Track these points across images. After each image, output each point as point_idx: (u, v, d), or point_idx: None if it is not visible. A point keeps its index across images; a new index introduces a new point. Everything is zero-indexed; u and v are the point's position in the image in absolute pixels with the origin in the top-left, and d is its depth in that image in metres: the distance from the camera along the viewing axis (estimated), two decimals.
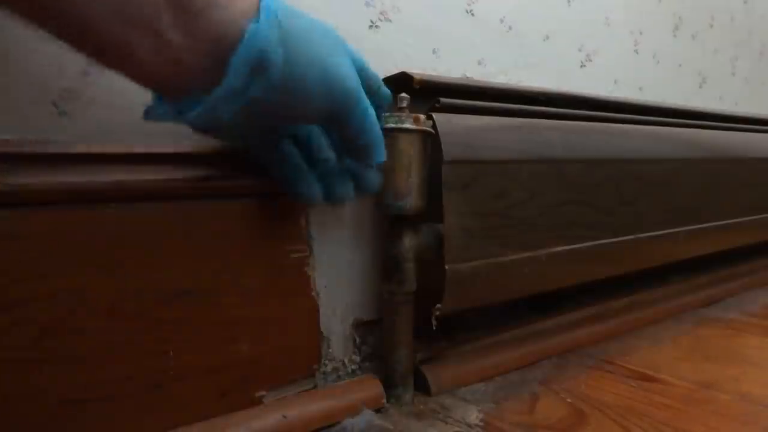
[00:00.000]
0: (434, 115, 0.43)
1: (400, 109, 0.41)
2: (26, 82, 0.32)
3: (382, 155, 0.38)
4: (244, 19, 0.29)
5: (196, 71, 0.28)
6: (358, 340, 0.46)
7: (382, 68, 0.47)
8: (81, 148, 0.33)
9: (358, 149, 0.37)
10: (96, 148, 0.33)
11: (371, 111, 0.36)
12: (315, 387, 0.42)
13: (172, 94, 0.30)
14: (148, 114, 0.30)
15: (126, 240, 0.33)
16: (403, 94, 0.41)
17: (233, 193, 0.37)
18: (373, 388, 0.43)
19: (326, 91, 0.32)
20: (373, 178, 0.39)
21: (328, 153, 0.38)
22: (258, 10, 0.29)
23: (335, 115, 0.34)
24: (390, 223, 0.43)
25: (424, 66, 0.51)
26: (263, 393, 0.39)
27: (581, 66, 0.68)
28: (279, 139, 0.37)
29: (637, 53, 0.77)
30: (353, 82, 0.34)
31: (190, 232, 0.35)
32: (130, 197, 0.33)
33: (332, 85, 0.33)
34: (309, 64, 0.31)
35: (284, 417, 0.38)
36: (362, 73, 0.36)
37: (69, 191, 0.31)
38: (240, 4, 0.29)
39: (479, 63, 0.56)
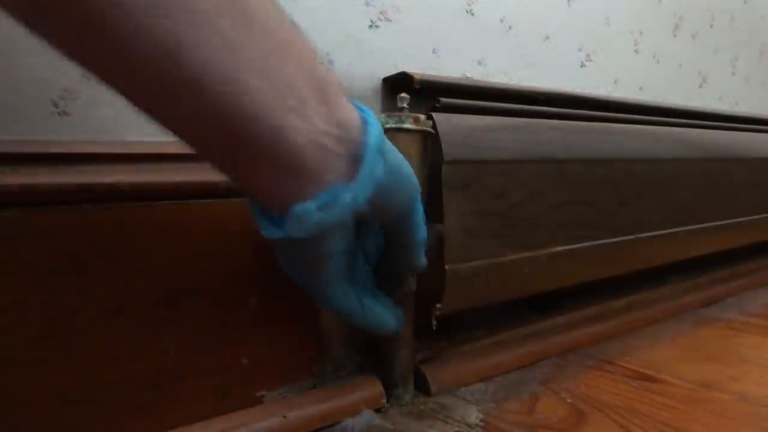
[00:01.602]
0: (434, 115, 0.43)
1: (400, 109, 0.41)
2: (26, 82, 0.32)
3: (424, 257, 0.39)
4: (356, 111, 0.31)
5: (327, 159, 0.29)
6: (358, 340, 0.46)
7: (382, 68, 0.47)
8: (81, 148, 0.33)
9: (407, 249, 0.38)
10: (96, 148, 0.33)
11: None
12: (315, 387, 0.42)
13: (300, 195, 0.29)
14: (279, 229, 0.31)
15: (126, 240, 0.33)
16: (403, 94, 0.41)
17: (233, 193, 0.37)
18: (373, 388, 0.43)
19: (410, 182, 0.35)
20: (400, 314, 0.40)
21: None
22: (353, 102, 0.32)
23: (406, 209, 0.35)
24: None
25: (424, 66, 0.51)
26: (263, 393, 0.39)
27: (581, 66, 0.68)
28: (353, 255, 0.37)
29: (637, 53, 0.77)
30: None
31: (190, 231, 0.35)
32: (130, 197, 0.33)
33: (411, 175, 0.35)
34: (397, 154, 0.33)
35: (284, 417, 0.38)
36: None
37: (69, 191, 0.31)
38: (347, 97, 0.31)
39: (479, 63, 0.56)
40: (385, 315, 0.38)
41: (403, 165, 0.34)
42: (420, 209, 0.37)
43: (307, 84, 0.28)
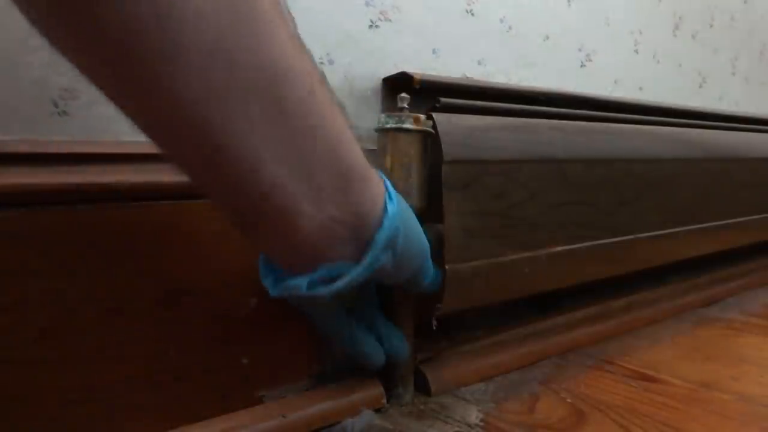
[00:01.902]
0: (434, 115, 0.43)
1: (400, 109, 0.41)
2: (26, 82, 0.32)
3: (432, 287, 0.42)
4: (381, 199, 0.31)
5: (334, 243, 0.30)
6: None
7: (382, 68, 0.47)
8: (81, 148, 0.33)
9: (417, 289, 0.41)
10: (96, 148, 0.33)
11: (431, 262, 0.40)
12: (315, 387, 0.42)
13: (295, 265, 0.31)
14: (278, 289, 0.32)
15: (126, 240, 0.33)
16: (404, 94, 0.41)
17: None
18: (373, 388, 0.43)
19: (418, 256, 0.37)
20: (403, 344, 0.42)
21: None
22: (385, 188, 0.33)
23: (415, 273, 0.37)
24: None
25: (424, 66, 0.51)
26: (263, 393, 0.39)
27: (581, 66, 0.68)
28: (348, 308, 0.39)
29: (637, 53, 0.77)
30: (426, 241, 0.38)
31: (190, 231, 0.35)
32: (130, 197, 0.33)
33: (423, 245, 0.37)
34: (413, 233, 0.35)
35: (284, 417, 0.38)
36: None
37: (69, 191, 0.31)
38: (376, 187, 0.32)
39: (479, 63, 0.56)
40: (370, 350, 0.40)
41: (412, 246, 0.35)
42: (429, 267, 0.39)
43: (329, 170, 0.28)
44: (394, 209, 0.32)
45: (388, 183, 0.34)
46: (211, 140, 0.24)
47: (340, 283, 0.31)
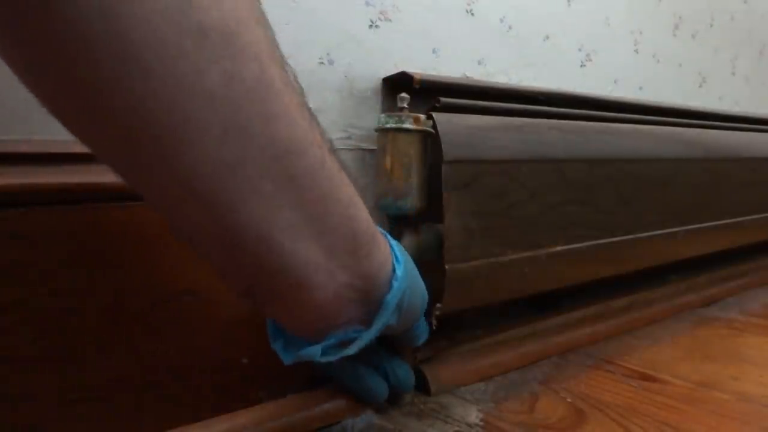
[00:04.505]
0: (434, 114, 0.43)
1: (401, 109, 0.41)
2: None
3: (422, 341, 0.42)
4: (388, 261, 0.32)
5: (344, 308, 0.30)
6: None
7: (383, 68, 0.47)
8: (81, 148, 0.32)
9: (410, 338, 0.41)
10: None
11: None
12: (315, 387, 0.42)
13: (306, 332, 0.31)
14: (290, 356, 0.33)
15: (126, 240, 0.33)
16: (403, 94, 0.41)
17: None
18: None
19: (421, 307, 0.37)
20: (408, 375, 0.42)
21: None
22: (392, 251, 0.33)
23: (411, 325, 0.38)
24: (390, 223, 0.43)
25: (424, 66, 0.51)
26: (263, 393, 0.39)
27: (581, 66, 0.68)
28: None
29: (637, 53, 0.77)
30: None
31: None
32: (130, 197, 0.33)
33: (424, 301, 0.38)
34: (417, 288, 0.36)
35: (284, 417, 0.38)
36: None
37: (69, 190, 0.31)
38: (383, 249, 0.32)
39: (479, 63, 0.56)
40: (373, 385, 0.39)
41: (416, 300, 0.35)
42: (422, 318, 0.39)
43: (341, 239, 0.28)
44: (402, 271, 0.32)
45: (393, 242, 0.34)
46: (221, 216, 0.24)
47: (351, 349, 0.32)
